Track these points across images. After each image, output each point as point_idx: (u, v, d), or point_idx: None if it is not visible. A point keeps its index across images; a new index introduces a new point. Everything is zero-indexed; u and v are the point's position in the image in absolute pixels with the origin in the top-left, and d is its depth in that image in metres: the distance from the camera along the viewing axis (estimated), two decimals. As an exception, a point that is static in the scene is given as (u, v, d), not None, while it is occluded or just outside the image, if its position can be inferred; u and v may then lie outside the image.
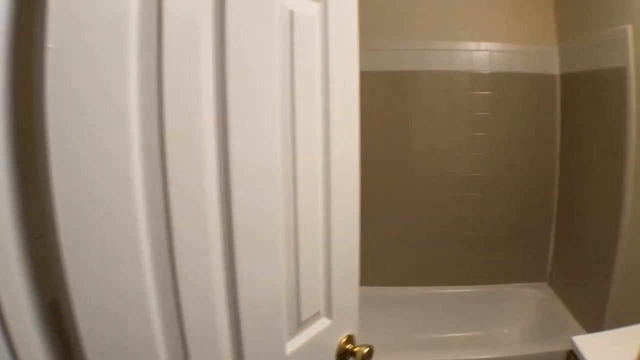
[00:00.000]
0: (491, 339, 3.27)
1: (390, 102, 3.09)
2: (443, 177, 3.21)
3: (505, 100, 3.12)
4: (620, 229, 2.30)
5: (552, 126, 3.18)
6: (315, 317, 1.12)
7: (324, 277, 1.13)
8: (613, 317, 2.38)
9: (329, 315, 1.16)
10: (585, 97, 2.78)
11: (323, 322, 1.15)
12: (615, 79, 2.34)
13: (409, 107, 3.12)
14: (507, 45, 3.08)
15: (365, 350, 1.20)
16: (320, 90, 1.03)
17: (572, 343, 1.56)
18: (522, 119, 3.16)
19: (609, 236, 2.41)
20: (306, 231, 1.03)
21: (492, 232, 3.31)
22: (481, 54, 3.07)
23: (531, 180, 3.24)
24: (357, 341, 1.24)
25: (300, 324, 1.06)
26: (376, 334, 3.14)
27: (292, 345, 1.04)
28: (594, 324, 2.59)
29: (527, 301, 3.32)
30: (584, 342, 1.55)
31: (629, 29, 2.18)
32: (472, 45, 3.07)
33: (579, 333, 2.67)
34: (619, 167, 2.31)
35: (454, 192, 3.23)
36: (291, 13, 0.91)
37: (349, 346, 1.22)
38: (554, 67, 3.12)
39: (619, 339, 1.57)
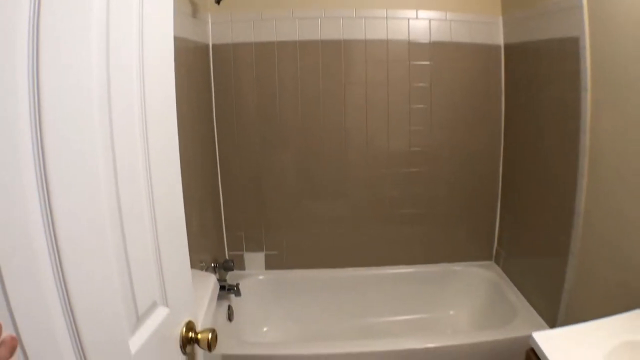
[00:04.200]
0: (437, 322, 3.17)
1: (322, 72, 2.93)
2: (380, 152, 3.07)
3: (445, 71, 2.98)
4: (575, 207, 2.18)
5: (496, 98, 3.06)
6: (152, 307, 0.99)
7: (155, 263, 1.00)
8: (570, 300, 2.28)
9: (166, 303, 1.03)
10: (532, 68, 2.65)
11: (161, 312, 1.02)
12: (566, 50, 2.20)
13: (342, 78, 2.95)
14: (448, 13, 2.93)
15: (210, 335, 1.13)
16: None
17: (532, 340, 1.44)
18: (464, 90, 3.03)
19: (562, 214, 2.30)
20: (132, 219, 0.90)
21: (435, 209, 3.19)
22: (420, 22, 2.92)
23: (474, 154, 3.12)
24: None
25: (139, 318, 0.93)
26: (314, 318, 3.10)
27: (136, 343, 0.91)
28: (548, 306, 2.49)
29: (474, 281, 3.22)
30: (545, 339, 1.43)
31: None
32: (410, 13, 2.91)
33: (532, 317, 2.58)
34: (573, 142, 2.18)
35: (392, 167, 3.10)
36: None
37: (191, 334, 1.13)
38: (498, 37, 2.99)
39: (583, 335, 1.45)
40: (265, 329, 3.09)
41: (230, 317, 2.72)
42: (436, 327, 3.13)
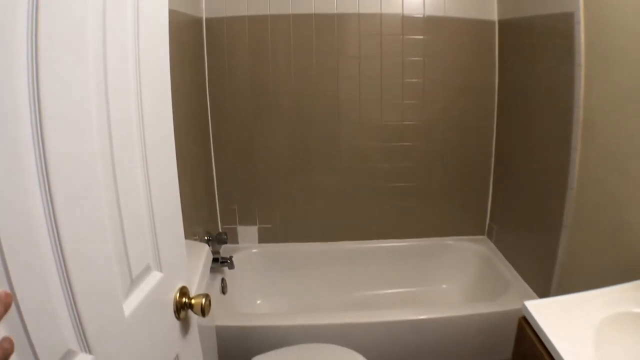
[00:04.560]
0: (429, 296, 3.20)
1: (316, 46, 2.92)
2: (373, 126, 3.07)
3: (439, 46, 2.98)
4: (568, 182, 2.20)
5: (490, 74, 3.06)
6: (146, 271, 1.00)
7: (149, 228, 1.01)
8: (563, 275, 2.30)
9: (159, 267, 1.05)
10: (526, 44, 2.65)
11: (155, 276, 1.04)
12: (560, 25, 2.20)
13: (335, 51, 2.94)
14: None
15: (203, 300, 1.14)
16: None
17: (525, 309, 1.45)
18: (458, 65, 3.02)
19: (555, 189, 2.31)
20: (126, 181, 0.91)
21: (427, 183, 3.21)
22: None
23: (467, 129, 3.13)
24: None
25: (133, 281, 0.94)
26: (306, 291, 3.12)
27: (129, 306, 0.92)
28: (540, 280, 2.52)
29: (467, 255, 3.25)
30: (538, 307, 1.44)
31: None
32: (404, -13, 2.90)
33: (524, 291, 2.61)
34: (566, 117, 2.19)
35: (385, 141, 3.11)
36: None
37: (184, 299, 1.15)
38: (492, 13, 2.98)
39: (577, 304, 1.46)
40: (258, 301, 3.11)
41: (223, 290, 2.74)
42: (428, 300, 3.16)
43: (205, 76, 2.93)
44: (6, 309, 0.58)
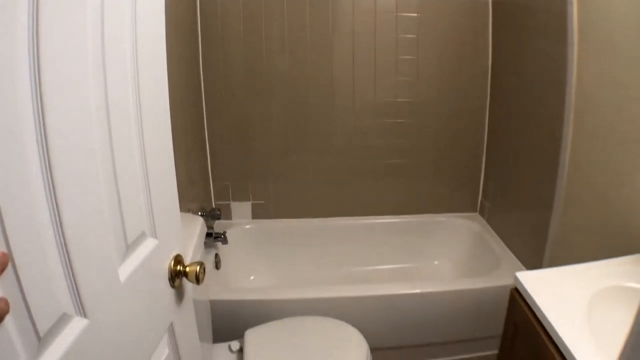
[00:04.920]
0: (421, 271, 3.23)
1: (310, 23, 2.90)
2: (367, 102, 3.06)
3: (433, 24, 2.96)
4: (560, 159, 2.21)
5: (483, 52, 3.05)
6: (141, 237, 1.01)
7: (144, 195, 1.01)
8: (554, 251, 2.32)
9: (154, 234, 1.05)
10: (519, 23, 2.65)
11: (150, 243, 1.04)
12: (553, 5, 2.20)
13: (329, 28, 2.92)
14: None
15: (198, 268, 1.15)
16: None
17: (516, 280, 1.47)
18: (452, 43, 3.01)
19: (547, 166, 2.32)
20: (122, 148, 0.92)
21: (421, 160, 3.22)
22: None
23: (461, 106, 3.13)
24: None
25: (128, 247, 0.95)
26: (299, 267, 3.14)
27: (124, 272, 0.93)
28: (532, 257, 2.54)
29: (459, 232, 3.27)
30: (529, 278, 1.47)
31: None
32: (399, -37, 2.87)
33: (516, 267, 2.63)
34: (559, 96, 2.19)
35: (379, 118, 3.09)
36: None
37: (179, 267, 1.16)
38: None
39: (568, 277, 1.49)
40: (252, 277, 3.13)
41: (217, 265, 2.75)
42: (421, 276, 3.19)
43: (198, 54, 2.91)
44: (2, 269, 0.58)
